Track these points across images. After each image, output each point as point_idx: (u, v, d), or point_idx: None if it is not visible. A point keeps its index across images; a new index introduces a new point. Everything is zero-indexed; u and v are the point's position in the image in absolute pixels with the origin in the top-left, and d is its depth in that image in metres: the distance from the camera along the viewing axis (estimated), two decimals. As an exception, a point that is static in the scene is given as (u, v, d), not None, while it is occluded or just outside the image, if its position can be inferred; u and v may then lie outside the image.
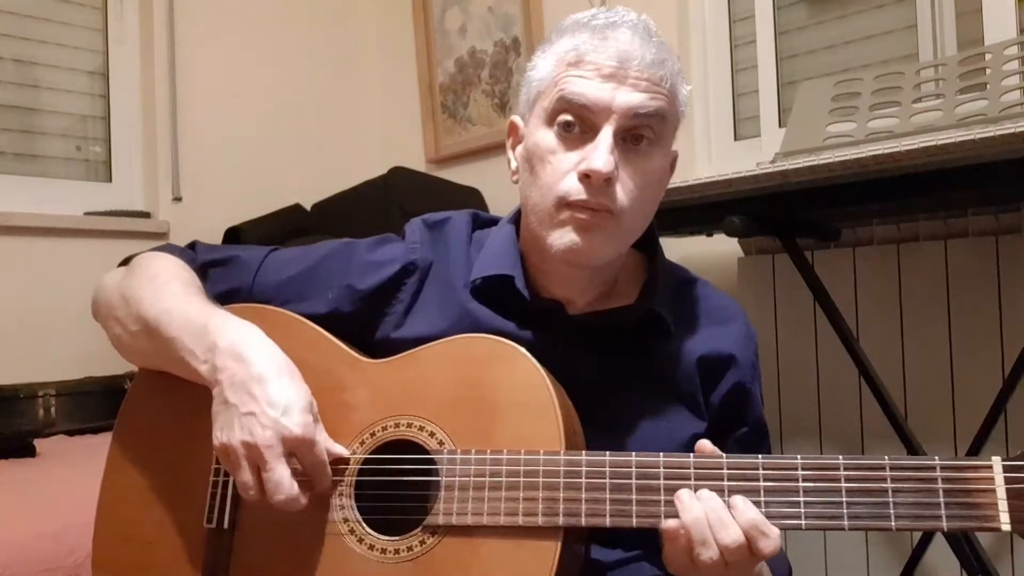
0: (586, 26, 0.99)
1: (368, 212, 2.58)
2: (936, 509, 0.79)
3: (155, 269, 1.08)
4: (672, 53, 1.01)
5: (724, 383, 1.05)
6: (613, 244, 0.99)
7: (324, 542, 0.95)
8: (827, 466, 0.82)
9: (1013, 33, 1.92)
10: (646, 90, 0.96)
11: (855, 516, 0.81)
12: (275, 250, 1.17)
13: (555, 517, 0.87)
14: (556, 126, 0.98)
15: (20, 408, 2.25)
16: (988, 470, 0.78)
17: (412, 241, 1.11)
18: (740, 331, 1.09)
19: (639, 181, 0.98)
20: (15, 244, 2.44)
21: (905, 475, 0.80)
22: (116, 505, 1.06)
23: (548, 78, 0.99)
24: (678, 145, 1.06)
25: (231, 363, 0.94)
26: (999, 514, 0.77)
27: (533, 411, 0.91)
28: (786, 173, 1.59)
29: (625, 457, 0.87)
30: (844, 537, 2.05)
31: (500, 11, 2.91)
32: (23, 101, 2.61)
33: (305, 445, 0.92)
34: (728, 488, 0.84)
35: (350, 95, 3.19)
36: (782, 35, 2.39)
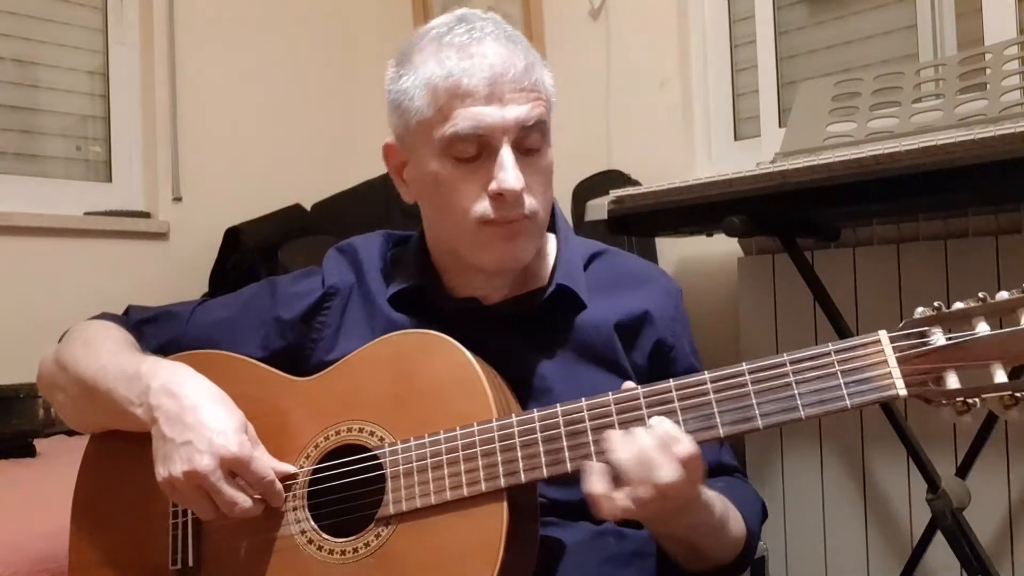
0: (450, 45, 0.99)
1: (368, 212, 2.58)
2: (838, 390, 0.83)
3: (88, 334, 1.14)
4: (525, 42, 1.04)
5: (644, 343, 1.08)
6: (535, 243, 1.05)
7: (285, 558, 0.98)
8: (734, 374, 0.86)
9: (1013, 33, 1.92)
10: (526, 100, 0.99)
11: (766, 414, 0.85)
12: (203, 301, 1.21)
13: (496, 480, 0.90)
14: (453, 157, 0.99)
15: (20, 408, 2.25)
16: (877, 344, 0.83)
17: (329, 269, 1.16)
18: (656, 291, 1.12)
19: (541, 180, 1.03)
20: (15, 244, 2.44)
21: (804, 366, 0.84)
22: (85, 570, 1.10)
23: (426, 108, 0.99)
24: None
25: (165, 400, 0.99)
26: (894, 381, 0.81)
27: (462, 389, 0.95)
28: (786, 173, 1.60)
29: (551, 409, 0.91)
30: (844, 537, 2.05)
31: (500, 11, 2.87)
32: (23, 101, 2.61)
33: (243, 463, 0.95)
34: (647, 415, 0.87)
35: (350, 95, 3.19)
36: (782, 35, 2.39)
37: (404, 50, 1.05)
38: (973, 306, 0.82)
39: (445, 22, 1.03)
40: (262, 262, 2.56)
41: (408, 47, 1.04)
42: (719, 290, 2.31)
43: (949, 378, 0.80)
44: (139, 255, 2.65)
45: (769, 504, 1.15)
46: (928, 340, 0.82)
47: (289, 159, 2.98)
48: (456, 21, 1.02)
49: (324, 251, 1.23)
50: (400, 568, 0.92)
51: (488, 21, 1.03)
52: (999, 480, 1.83)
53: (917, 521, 1.93)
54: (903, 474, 1.95)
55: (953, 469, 1.79)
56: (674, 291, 1.14)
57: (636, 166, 2.38)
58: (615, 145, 2.50)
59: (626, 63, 2.55)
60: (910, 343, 0.82)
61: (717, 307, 2.29)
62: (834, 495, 2.07)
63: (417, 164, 1.04)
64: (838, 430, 2.06)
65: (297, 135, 3.03)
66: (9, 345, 2.35)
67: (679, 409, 0.87)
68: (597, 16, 2.63)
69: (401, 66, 1.04)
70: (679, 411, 0.87)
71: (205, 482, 0.94)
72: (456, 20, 1.02)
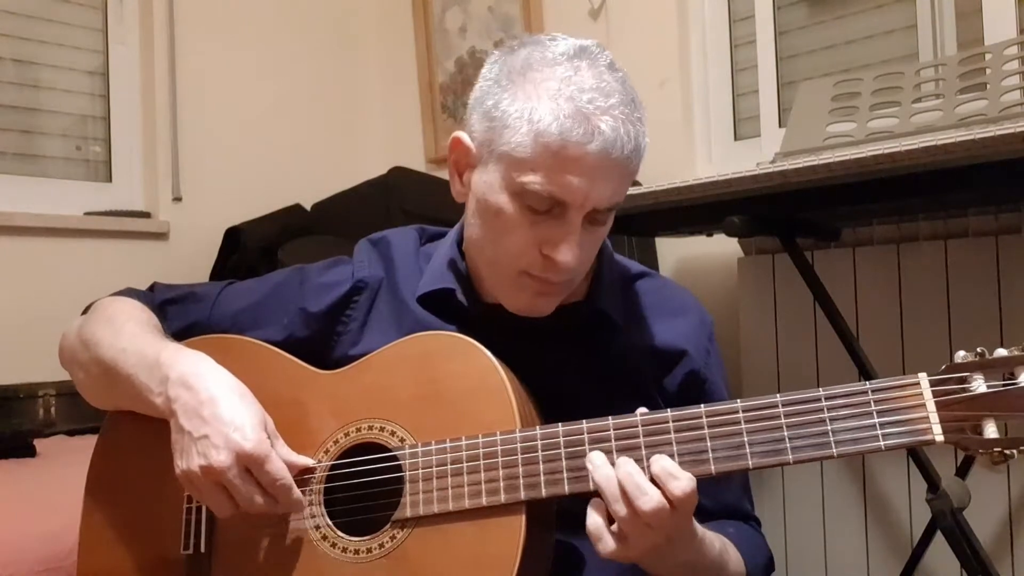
0: (572, 101, 0.92)
1: (368, 212, 2.58)
2: (872, 430, 0.82)
3: (111, 312, 1.12)
4: (640, 105, 0.99)
5: (677, 373, 1.07)
6: (565, 295, 1.03)
7: (299, 552, 0.97)
8: (767, 405, 0.85)
9: (1013, 33, 1.92)
10: (620, 179, 0.96)
11: (797, 448, 0.84)
12: (231, 283, 1.20)
13: (516, 492, 0.90)
14: (524, 203, 0.96)
15: (20, 408, 2.25)
16: (916, 387, 0.82)
17: (360, 260, 1.14)
18: (691, 321, 1.11)
19: (593, 245, 1.01)
20: (15, 244, 2.44)
21: (839, 403, 0.83)
22: (95, 548, 1.10)
23: (522, 149, 0.93)
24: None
25: (183, 392, 0.97)
26: (931, 426, 0.80)
27: (487, 396, 0.94)
28: (786, 173, 1.59)
29: (577, 425, 0.90)
30: (844, 538, 2.05)
31: (500, 11, 2.91)
32: (23, 101, 2.61)
33: (258, 461, 0.94)
34: (675, 440, 0.86)
35: (350, 95, 3.19)
36: (782, 35, 2.39)
37: (519, 62, 0.97)
38: (1016, 355, 0.80)
39: (570, 54, 0.96)
40: (262, 262, 2.56)
41: (525, 63, 0.97)
42: (719, 290, 2.30)
43: (988, 427, 0.79)
44: (139, 255, 2.65)
45: (769, 504, 1.15)
46: (968, 387, 0.80)
47: (289, 159, 2.98)
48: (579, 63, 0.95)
49: (324, 251, 1.22)
50: (413, 572, 0.92)
51: (615, 76, 0.97)
52: (999, 480, 1.83)
53: (917, 521, 1.93)
54: (903, 474, 1.95)
55: (953, 469, 1.79)
56: (707, 322, 1.12)
57: (636, 166, 2.38)
58: (615, 145, 2.50)
59: (626, 63, 2.51)
60: (950, 388, 0.81)
61: (717, 307, 2.27)
62: (834, 495, 2.07)
63: (485, 181, 0.99)
64: (838, 430, 2.06)
65: (297, 135, 3.02)
66: (9, 345, 2.35)
67: (708, 436, 0.85)
68: (597, 16, 2.63)
69: (510, 80, 0.96)
70: (708, 438, 0.85)
71: (222, 478, 0.93)
72: (580, 61, 0.96)
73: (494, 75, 0.99)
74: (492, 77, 0.99)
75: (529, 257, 0.97)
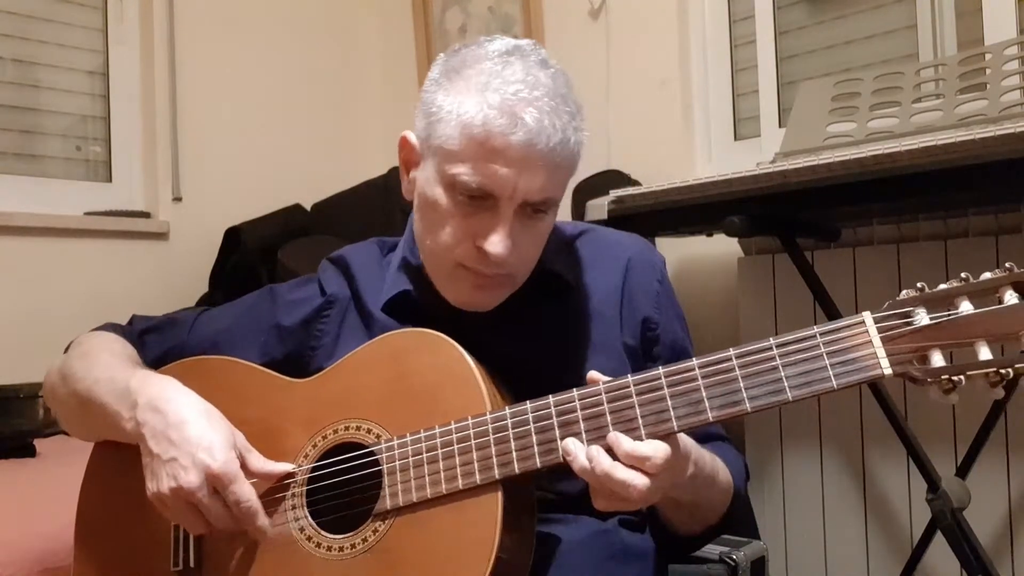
0: (497, 93, 0.94)
1: (368, 212, 2.58)
2: (824, 372, 0.84)
3: (88, 346, 1.15)
4: (573, 97, 0.99)
5: (631, 320, 1.09)
6: (507, 293, 1.04)
7: (285, 555, 0.99)
8: (721, 359, 0.87)
9: (1013, 33, 1.92)
10: (549, 172, 0.96)
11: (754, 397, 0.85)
12: (206, 310, 1.23)
13: (491, 471, 0.91)
14: (455, 195, 0.97)
15: (20, 408, 2.25)
16: (861, 325, 0.84)
17: (327, 277, 1.16)
18: (636, 265, 1.12)
19: (535, 242, 1.02)
20: (15, 244, 2.44)
21: (790, 349, 0.85)
22: (89, 574, 1.11)
23: (451, 141, 0.96)
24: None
25: (151, 416, 1.00)
26: (879, 361, 0.82)
27: (456, 385, 0.96)
28: (786, 173, 1.60)
29: (543, 400, 0.92)
30: (844, 537, 2.05)
31: (500, 11, 2.91)
32: (23, 101, 2.61)
33: (224, 481, 0.96)
34: (638, 403, 0.88)
35: (350, 95, 3.19)
36: (782, 35, 2.39)
37: (457, 61, 1.00)
38: (956, 286, 0.83)
39: (501, 51, 0.98)
40: (262, 262, 2.56)
41: (461, 60, 1.00)
42: (719, 290, 2.31)
43: (934, 357, 0.81)
44: (139, 255, 2.65)
45: (769, 504, 1.16)
46: (912, 320, 0.83)
47: (289, 159, 2.98)
48: (510, 59, 0.97)
49: (324, 251, 1.23)
50: (397, 562, 0.93)
51: (545, 72, 0.97)
52: (999, 480, 1.83)
53: (917, 521, 1.93)
54: (903, 474, 1.95)
55: (953, 469, 1.79)
56: (656, 263, 1.14)
57: (636, 166, 2.38)
58: (615, 145, 2.50)
59: (626, 63, 2.55)
60: (894, 323, 0.83)
61: (717, 307, 2.29)
62: (834, 495, 2.07)
63: (424, 176, 1.02)
64: (838, 430, 2.06)
65: (297, 135, 3.03)
66: (9, 345, 2.35)
67: (668, 395, 0.88)
68: (597, 16, 2.63)
69: (446, 78, 1.00)
70: (668, 397, 0.88)
71: (192, 498, 0.95)
72: (510, 56, 0.97)
73: (435, 75, 1.02)
74: (433, 77, 1.02)
75: (463, 248, 0.99)
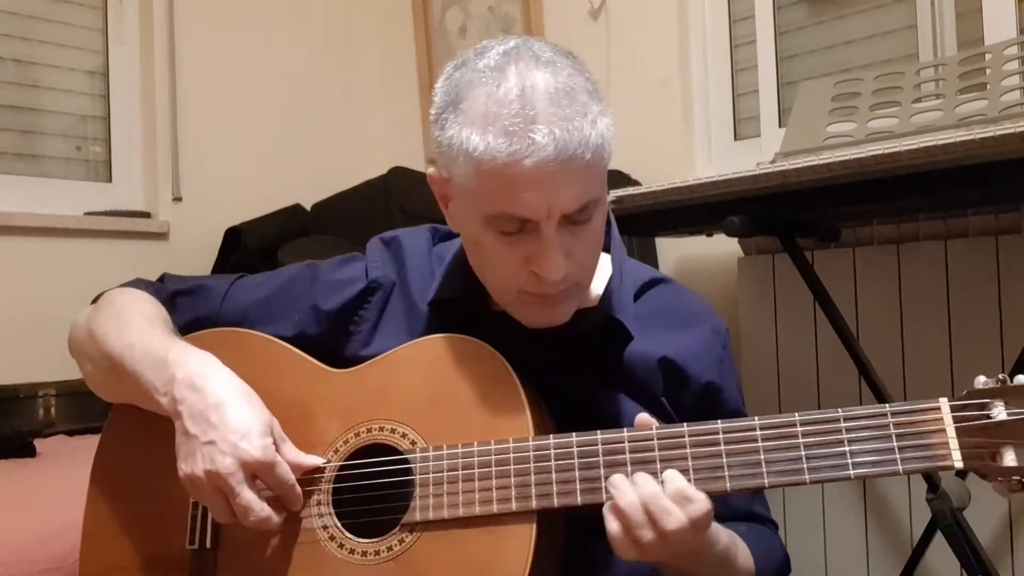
0: (497, 119, 0.88)
1: (368, 212, 2.58)
2: (891, 454, 0.82)
3: (120, 305, 1.10)
4: (582, 90, 0.91)
5: (693, 384, 1.05)
6: (576, 303, 1.00)
7: (305, 551, 0.97)
8: (785, 424, 0.85)
9: (1013, 33, 1.92)
10: (579, 178, 0.90)
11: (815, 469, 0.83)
12: (241, 277, 1.18)
13: (528, 500, 0.89)
14: (495, 230, 0.93)
15: (20, 408, 2.25)
16: (936, 411, 0.82)
17: (374, 260, 1.12)
18: (705, 331, 1.09)
19: (589, 244, 0.97)
20: (15, 244, 2.44)
21: (858, 424, 0.83)
22: (100, 539, 1.09)
23: (468, 179, 0.91)
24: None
25: (189, 394, 0.96)
26: (950, 452, 0.80)
27: (500, 402, 0.94)
28: (786, 173, 1.59)
29: (591, 436, 0.89)
30: (844, 537, 2.05)
31: (500, 11, 2.90)
32: (23, 101, 2.61)
33: (265, 467, 0.94)
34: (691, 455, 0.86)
35: (350, 95, 3.19)
36: (782, 35, 2.39)
37: (454, 88, 0.94)
38: None
39: (492, 66, 0.92)
40: (262, 262, 2.56)
41: (457, 87, 0.94)
42: (719, 290, 2.30)
43: (1007, 455, 0.79)
44: (139, 255, 2.65)
45: (769, 504, 1.15)
46: (989, 413, 0.80)
47: (289, 159, 2.98)
48: (503, 72, 0.91)
49: (324, 251, 1.21)
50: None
51: (543, 72, 0.90)
52: (999, 480, 1.83)
53: (917, 521, 1.93)
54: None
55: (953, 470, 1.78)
56: (722, 330, 1.11)
57: (636, 166, 2.38)
58: (615, 145, 2.48)
59: (626, 63, 2.55)
60: (971, 414, 0.81)
61: (717, 307, 2.26)
62: (834, 495, 2.07)
63: (460, 213, 0.98)
64: (838, 430, 2.06)
65: (297, 135, 3.02)
66: (9, 345, 2.35)
67: (724, 452, 0.85)
68: (597, 16, 2.63)
69: (450, 111, 0.94)
70: (724, 455, 0.85)
71: (224, 484, 0.92)
72: (503, 69, 0.91)
73: (439, 102, 0.96)
74: (439, 104, 0.96)
75: (521, 277, 0.94)
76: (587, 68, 0.96)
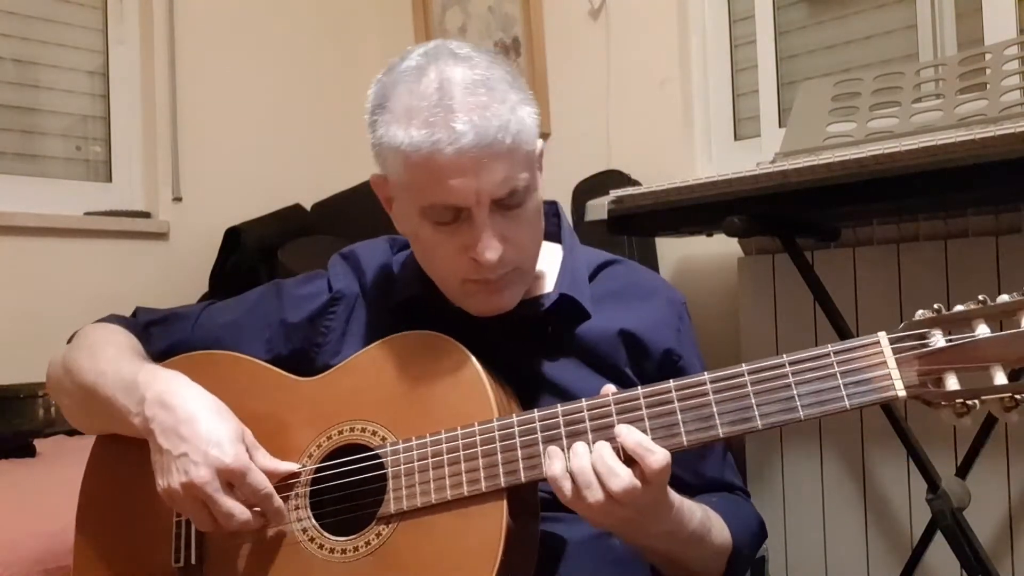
0: (418, 112, 0.93)
1: (368, 212, 2.56)
2: (837, 391, 0.83)
3: (93, 339, 1.14)
4: (502, 81, 0.95)
5: (653, 352, 1.08)
6: (522, 287, 1.03)
7: (287, 555, 0.99)
8: (733, 375, 0.86)
9: (1013, 33, 1.92)
10: (504, 163, 0.93)
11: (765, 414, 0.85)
12: (211, 303, 1.21)
13: (496, 479, 0.91)
14: (431, 221, 0.97)
15: (20, 408, 2.25)
16: (876, 345, 0.83)
17: (335, 273, 1.16)
18: (661, 302, 1.12)
19: (525, 229, 1.00)
20: (15, 244, 2.44)
21: (803, 367, 0.85)
22: (89, 566, 1.10)
23: (399, 174, 0.97)
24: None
25: (159, 411, 0.99)
26: (893, 382, 0.82)
27: (464, 389, 0.96)
28: (786, 173, 1.59)
29: (552, 409, 0.91)
30: (844, 537, 2.05)
31: (500, 11, 2.90)
32: (23, 101, 2.61)
33: (239, 474, 0.95)
34: (647, 416, 0.88)
35: (350, 95, 3.18)
36: (782, 35, 2.39)
37: (382, 86, 0.99)
38: (973, 308, 0.82)
39: (413, 66, 0.97)
40: (262, 262, 2.56)
41: (383, 90, 0.99)
42: (719, 290, 2.31)
43: (949, 380, 0.81)
44: (139, 255, 2.65)
45: (769, 504, 1.15)
46: (928, 342, 0.82)
47: (289, 159, 2.98)
48: (422, 70, 0.95)
49: (324, 251, 1.23)
50: (400, 566, 0.93)
51: (460, 66, 0.95)
52: (999, 480, 1.83)
53: (917, 521, 1.93)
54: (903, 474, 1.95)
55: (953, 469, 1.79)
56: (677, 301, 1.14)
57: (636, 166, 2.38)
58: (615, 145, 2.50)
59: (626, 63, 2.55)
60: (910, 344, 0.83)
61: (717, 307, 2.29)
62: (834, 495, 2.07)
63: (400, 210, 1.03)
64: (838, 430, 2.06)
65: (297, 135, 3.03)
66: (9, 345, 2.35)
67: (679, 409, 0.87)
68: (597, 16, 2.63)
69: (376, 112, 0.99)
70: (679, 411, 0.87)
71: (201, 493, 0.94)
72: (423, 68, 0.96)
73: (369, 107, 1.01)
74: (368, 108, 1.01)
75: (461, 266, 0.98)
76: (508, 63, 1.00)
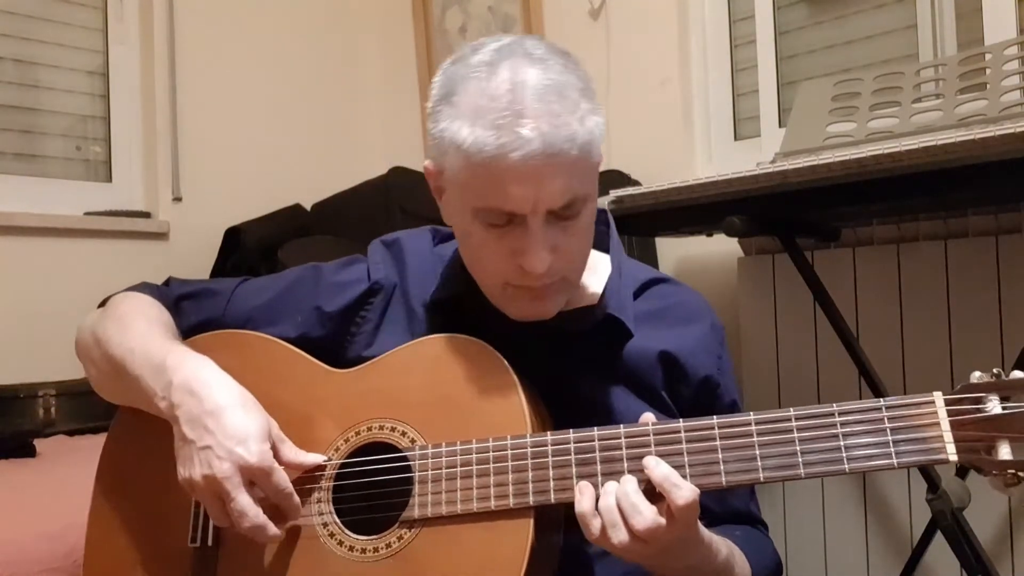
0: (488, 113, 0.90)
1: (368, 212, 2.58)
2: (885, 447, 0.82)
3: (124, 309, 1.12)
4: (572, 87, 0.93)
5: (691, 378, 1.06)
6: (564, 297, 1.01)
7: (305, 548, 0.98)
8: (780, 419, 0.85)
9: (1013, 33, 1.92)
10: (565, 174, 0.91)
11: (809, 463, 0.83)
12: (245, 280, 1.19)
13: (525, 497, 0.90)
14: (483, 222, 0.95)
15: (20, 408, 2.25)
16: (931, 405, 0.82)
17: (375, 262, 1.13)
18: (705, 327, 1.11)
19: (576, 240, 0.98)
20: (15, 244, 2.44)
21: (853, 418, 0.83)
22: (104, 539, 1.10)
23: (458, 172, 0.93)
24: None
25: (186, 399, 0.97)
26: (945, 446, 0.80)
27: (498, 399, 0.95)
28: (786, 173, 1.59)
29: (588, 433, 0.90)
30: (844, 537, 2.05)
31: (500, 11, 2.90)
32: (23, 101, 2.61)
33: (262, 473, 0.94)
34: (687, 450, 0.86)
35: (350, 95, 3.19)
36: (782, 35, 2.39)
37: (448, 81, 0.96)
38: None
39: (486, 61, 0.93)
40: (262, 262, 2.56)
41: (451, 81, 0.95)
42: (719, 290, 2.30)
43: (1001, 448, 0.79)
44: (139, 255, 2.65)
45: (769, 504, 1.15)
46: (983, 407, 0.80)
47: (289, 159, 2.98)
48: (495, 67, 0.92)
49: (324, 251, 1.22)
50: (420, 573, 0.92)
51: (534, 68, 0.91)
52: (999, 480, 1.83)
53: (917, 521, 1.93)
54: (903, 474, 1.95)
55: (953, 469, 1.78)
56: (719, 327, 1.12)
57: (636, 166, 2.38)
58: (615, 145, 2.50)
59: (626, 63, 2.55)
60: (966, 408, 0.81)
61: (717, 307, 2.25)
62: (834, 495, 2.07)
63: (450, 205, 1.00)
64: (838, 430, 2.06)
65: (297, 135, 3.02)
66: (9, 345, 2.35)
67: (720, 447, 0.85)
68: (597, 16, 2.63)
69: (443, 103, 0.95)
70: (720, 450, 0.85)
71: (221, 489, 0.93)
72: (496, 64, 0.92)
73: (434, 96, 0.98)
74: (434, 97, 0.98)
75: (507, 269, 0.96)
76: (581, 68, 0.97)
